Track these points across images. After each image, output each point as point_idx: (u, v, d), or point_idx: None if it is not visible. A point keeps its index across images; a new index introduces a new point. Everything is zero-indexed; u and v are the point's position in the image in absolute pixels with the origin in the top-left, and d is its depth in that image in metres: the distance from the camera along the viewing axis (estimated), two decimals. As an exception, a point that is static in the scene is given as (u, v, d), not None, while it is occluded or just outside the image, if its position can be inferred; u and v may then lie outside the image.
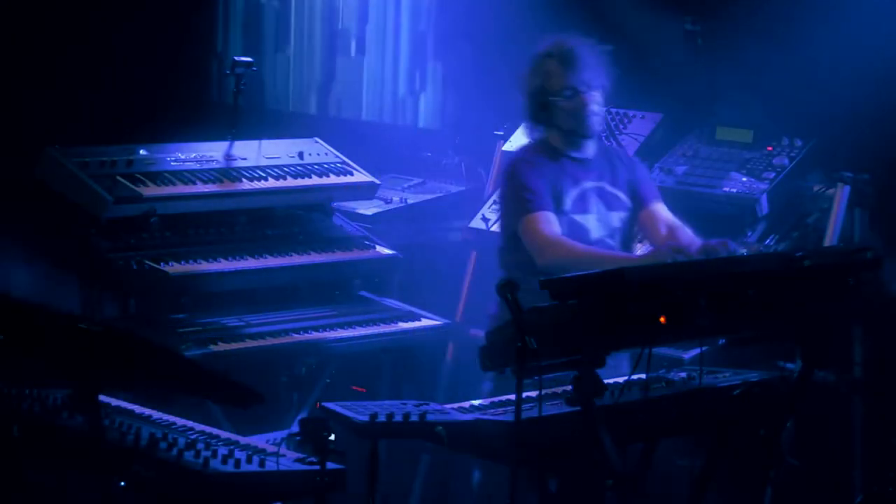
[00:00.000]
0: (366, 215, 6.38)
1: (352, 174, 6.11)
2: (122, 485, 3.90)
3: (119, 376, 3.92)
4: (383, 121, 7.55)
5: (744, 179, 5.77)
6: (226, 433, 4.29)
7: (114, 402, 4.48)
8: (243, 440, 4.20)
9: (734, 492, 5.04)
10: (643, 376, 4.37)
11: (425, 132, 7.33)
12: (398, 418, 4.12)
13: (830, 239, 5.47)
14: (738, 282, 4.27)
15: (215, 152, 5.92)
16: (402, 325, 5.67)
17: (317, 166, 6.06)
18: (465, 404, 4.45)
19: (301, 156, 6.08)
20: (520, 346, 3.95)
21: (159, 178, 5.63)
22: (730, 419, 4.58)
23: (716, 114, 6.14)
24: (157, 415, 4.40)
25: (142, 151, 5.74)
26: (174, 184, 5.63)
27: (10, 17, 7.32)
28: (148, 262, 5.33)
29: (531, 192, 5.08)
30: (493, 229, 6.05)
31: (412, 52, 7.43)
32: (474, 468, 5.42)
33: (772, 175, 5.74)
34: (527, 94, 5.24)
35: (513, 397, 3.96)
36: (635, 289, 4.07)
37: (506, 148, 6.36)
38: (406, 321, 5.70)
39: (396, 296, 5.93)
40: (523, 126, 5.40)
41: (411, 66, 7.43)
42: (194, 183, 5.68)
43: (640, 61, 5.60)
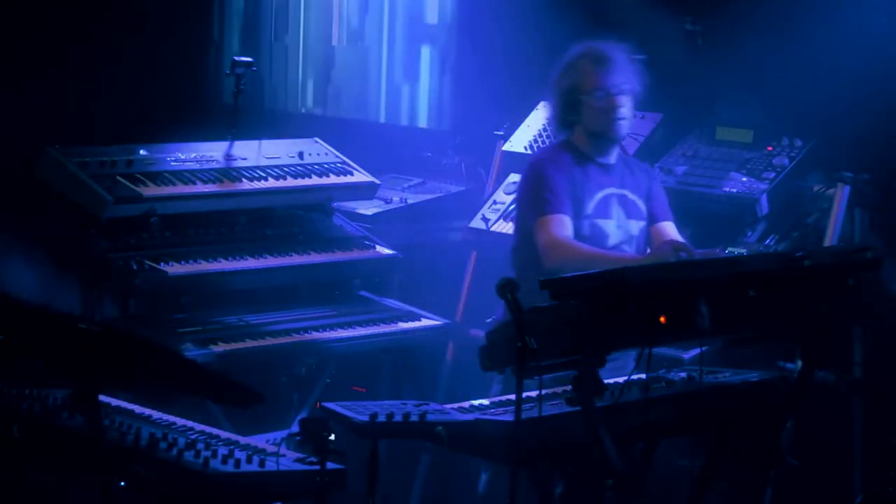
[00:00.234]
0: (366, 215, 6.38)
1: (352, 174, 6.11)
2: (122, 485, 3.90)
3: (119, 376, 3.92)
4: (383, 121, 7.55)
5: (744, 179, 5.76)
6: (226, 433, 4.29)
7: (114, 402, 4.48)
8: (243, 440, 4.20)
9: (734, 492, 5.04)
10: (643, 376, 4.37)
11: (425, 132, 7.33)
12: (398, 418, 4.12)
13: (830, 239, 5.46)
14: (738, 282, 4.27)
15: (215, 152, 5.92)
16: (402, 325, 5.67)
17: (317, 166, 6.06)
18: (465, 404, 4.44)
19: (301, 156, 6.08)
20: (520, 346, 3.95)
21: (159, 178, 5.63)
22: (730, 419, 4.58)
23: (716, 114, 6.14)
24: (157, 415, 4.40)
25: (142, 151, 5.74)
26: (174, 184, 5.63)
27: (10, 18, 7.32)
28: (148, 262, 5.33)
29: (551, 194, 5.06)
30: (493, 229, 6.05)
31: (413, 53, 7.43)
32: (482, 471, 5.41)
33: (772, 175, 5.74)
34: (557, 92, 5.22)
35: (513, 397, 3.96)
36: (635, 289, 4.07)
37: (506, 147, 6.36)
38: (406, 321, 5.70)
39: (396, 296, 5.93)
40: (549, 124, 5.36)
41: (412, 66, 7.43)
42: (194, 183, 5.69)
43: (641, 61, 5.58)
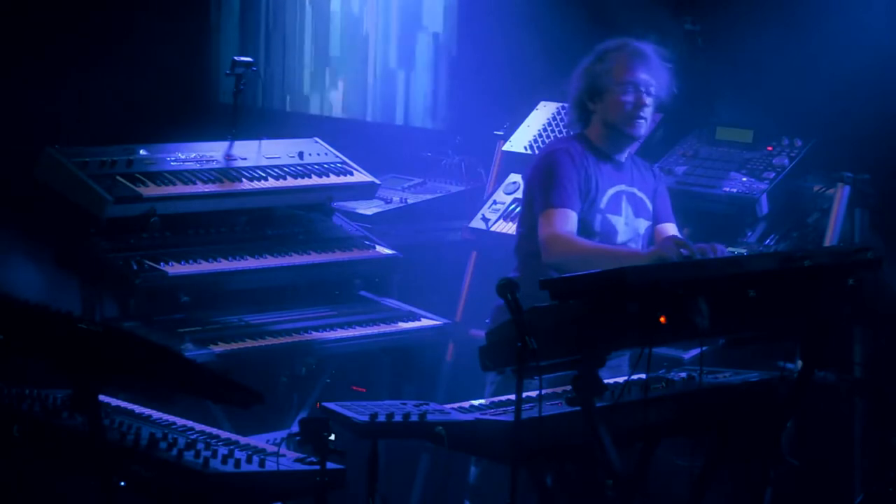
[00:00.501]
0: (366, 215, 6.38)
1: (352, 174, 6.11)
2: (122, 485, 3.90)
3: (119, 376, 3.92)
4: (384, 121, 7.55)
5: (744, 179, 5.76)
6: (226, 433, 4.29)
7: (114, 402, 4.48)
8: (243, 440, 4.20)
9: (734, 492, 5.04)
10: (643, 376, 4.37)
11: (425, 132, 7.33)
12: (398, 418, 4.12)
13: (830, 239, 5.46)
14: (738, 282, 4.27)
15: (215, 152, 5.92)
16: (402, 325, 5.67)
17: (317, 166, 6.06)
18: (465, 404, 4.45)
19: (301, 156, 6.08)
20: (520, 346, 3.95)
21: (159, 178, 5.63)
22: (730, 419, 4.58)
23: (716, 114, 6.14)
24: (157, 415, 4.40)
25: (142, 151, 5.74)
26: (174, 184, 5.63)
27: (10, 18, 7.32)
28: (148, 262, 5.33)
29: (560, 187, 5.04)
30: (493, 229, 6.04)
31: (413, 52, 7.43)
32: (472, 464, 5.40)
33: (772, 175, 5.74)
34: (586, 76, 5.19)
35: (513, 397, 3.96)
36: (635, 289, 4.07)
37: (506, 147, 6.36)
38: (406, 321, 5.70)
39: (396, 296, 5.92)
40: (567, 109, 5.34)
41: (412, 65, 7.43)
42: (194, 183, 5.68)
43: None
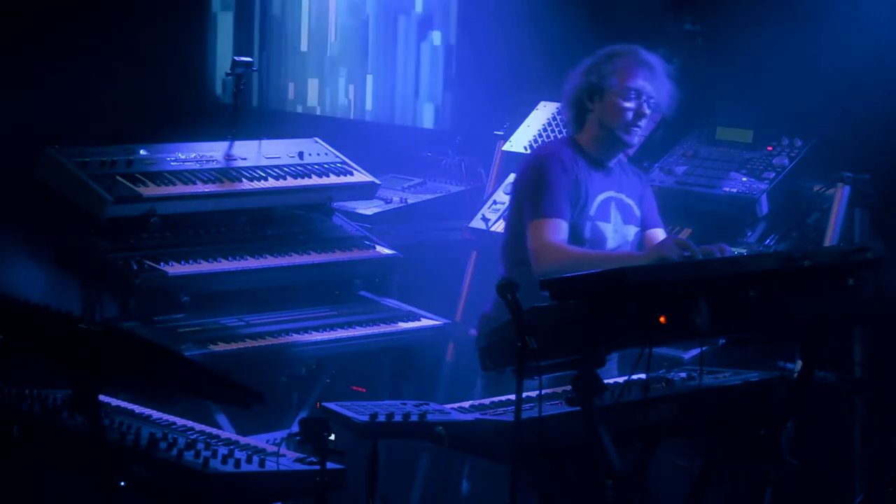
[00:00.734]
0: (366, 215, 6.38)
1: (352, 174, 6.11)
2: (122, 485, 3.90)
3: (119, 376, 3.92)
4: (384, 121, 7.55)
5: (744, 179, 5.76)
6: (226, 433, 4.29)
7: (114, 402, 4.48)
8: (243, 440, 4.20)
9: (734, 492, 5.04)
10: (643, 376, 4.37)
11: (425, 132, 7.33)
12: (398, 418, 4.12)
13: (830, 239, 5.46)
14: (738, 282, 4.27)
15: (215, 152, 5.92)
16: (402, 325, 5.67)
17: (317, 166, 6.06)
18: (465, 404, 4.45)
19: (301, 156, 6.08)
20: (520, 346, 3.95)
21: (159, 178, 5.63)
22: (730, 419, 4.58)
23: (716, 114, 6.14)
24: (157, 415, 4.40)
25: (142, 151, 5.74)
26: (174, 184, 5.63)
27: (10, 18, 7.32)
28: (148, 262, 5.33)
29: (550, 196, 4.99)
30: (493, 229, 6.04)
31: (413, 52, 7.43)
32: (464, 478, 5.40)
33: (772, 175, 5.74)
34: (588, 77, 5.13)
35: (513, 397, 3.96)
36: (635, 289, 4.07)
37: (506, 147, 6.36)
38: (406, 321, 5.70)
39: (396, 296, 5.92)
40: (562, 108, 5.28)
41: (412, 65, 7.43)
42: (194, 183, 5.68)
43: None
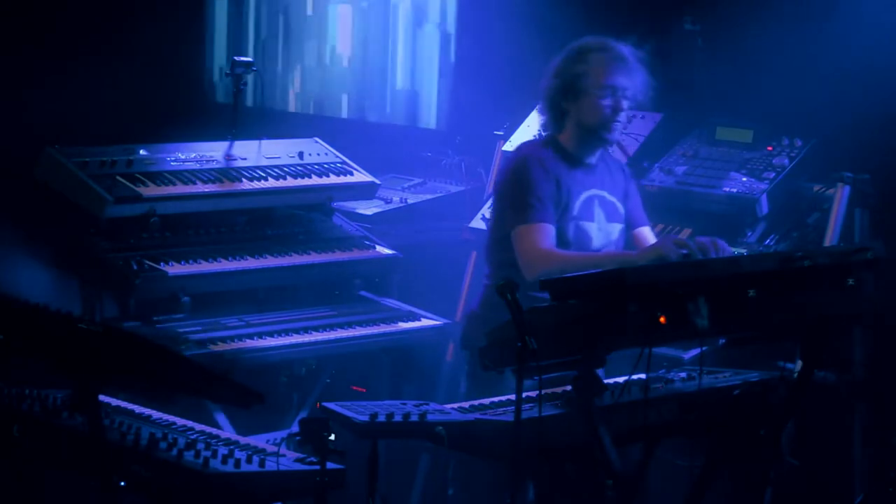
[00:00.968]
0: (366, 215, 6.38)
1: (352, 174, 6.11)
2: (122, 485, 3.90)
3: (119, 376, 3.92)
4: (383, 121, 7.55)
5: (744, 179, 5.76)
6: (226, 433, 4.29)
7: (114, 402, 4.49)
8: (243, 440, 4.20)
9: (734, 492, 5.04)
10: (643, 376, 4.37)
11: (425, 132, 7.33)
12: (398, 418, 4.12)
13: (830, 239, 5.46)
14: (737, 282, 4.27)
15: (215, 152, 5.92)
16: (402, 325, 5.67)
17: (317, 166, 6.06)
18: (465, 404, 4.45)
19: (301, 156, 6.08)
20: (520, 346, 3.95)
21: (159, 178, 5.63)
22: (730, 419, 4.58)
23: (716, 114, 6.14)
24: (157, 415, 4.40)
25: (142, 151, 5.74)
26: (174, 184, 5.63)
27: (10, 18, 7.33)
28: (148, 262, 5.33)
29: (536, 200, 4.96)
30: (492, 229, 6.04)
31: (413, 52, 7.43)
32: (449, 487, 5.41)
33: (772, 175, 5.74)
34: (562, 77, 5.08)
35: (513, 397, 3.96)
36: (635, 289, 4.07)
37: (506, 147, 6.36)
38: (406, 321, 5.70)
39: (396, 296, 5.92)
40: (539, 108, 5.25)
41: (412, 65, 7.43)
42: (194, 183, 5.68)
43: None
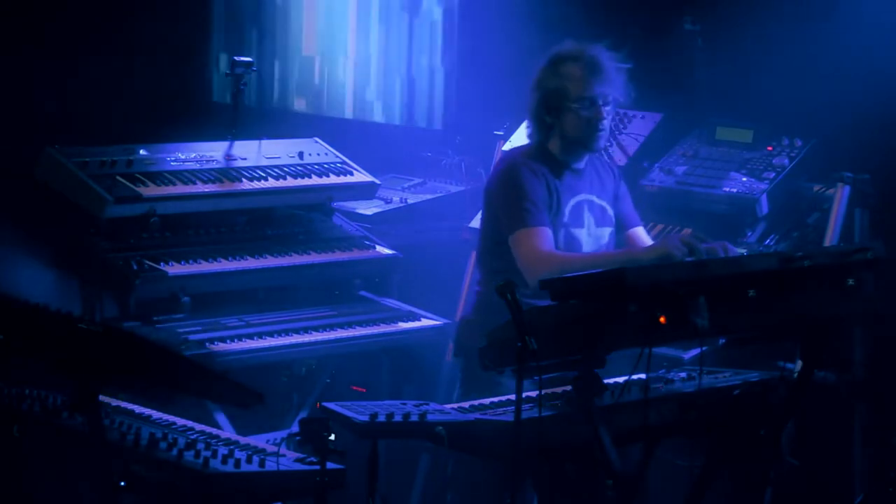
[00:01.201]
0: (366, 215, 6.37)
1: (352, 174, 6.11)
2: (122, 485, 3.90)
3: (119, 376, 3.92)
4: (384, 121, 7.55)
5: (744, 179, 5.76)
6: (226, 433, 4.29)
7: (114, 402, 4.48)
8: (243, 440, 4.20)
9: (734, 492, 5.04)
10: (643, 376, 4.37)
11: (425, 132, 7.33)
12: (398, 418, 4.12)
13: (830, 239, 5.46)
14: (738, 282, 4.27)
15: (215, 152, 5.92)
16: (402, 325, 5.67)
17: (317, 166, 6.06)
18: (465, 404, 4.45)
19: (301, 156, 6.08)
20: (520, 346, 3.95)
21: (159, 178, 5.63)
22: (730, 419, 4.58)
23: (716, 114, 6.14)
24: (157, 415, 4.40)
25: (142, 151, 5.74)
26: (174, 184, 5.63)
27: (10, 18, 7.32)
28: (148, 262, 5.33)
29: (532, 204, 4.95)
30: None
31: (412, 52, 7.42)
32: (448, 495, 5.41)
33: (772, 175, 5.74)
34: (541, 91, 5.09)
35: (513, 397, 3.96)
36: (635, 289, 4.07)
37: (506, 148, 6.36)
38: (406, 321, 5.70)
39: (396, 296, 5.92)
40: (526, 123, 5.28)
41: (412, 65, 7.42)
42: (194, 183, 5.68)
43: (640, 61, 5.59)
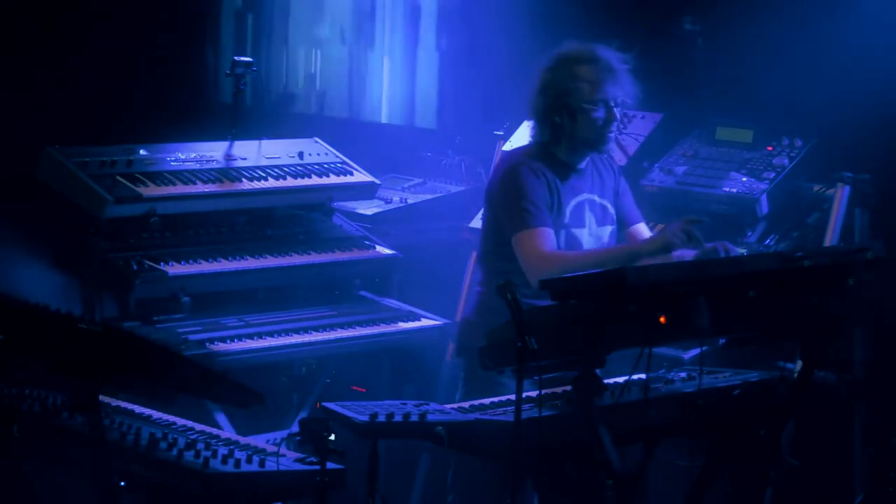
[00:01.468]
0: (366, 215, 6.38)
1: (352, 174, 6.11)
2: (122, 485, 3.90)
3: (119, 376, 3.92)
4: (383, 121, 7.55)
5: (744, 179, 5.76)
6: (226, 433, 4.29)
7: (114, 402, 4.48)
8: (243, 440, 4.20)
9: (734, 492, 5.04)
10: (643, 376, 4.37)
11: (425, 132, 7.33)
12: (398, 418, 4.12)
13: (830, 239, 5.46)
14: (738, 282, 4.27)
15: (215, 152, 5.92)
16: (402, 325, 5.67)
17: (317, 166, 6.06)
18: (465, 404, 4.45)
19: (301, 156, 6.08)
20: (520, 346, 3.95)
21: (159, 178, 5.63)
22: (730, 419, 4.58)
23: (716, 114, 6.14)
24: (157, 415, 4.40)
25: (142, 151, 5.74)
26: (174, 184, 5.63)
27: (10, 18, 7.32)
28: (148, 262, 5.34)
29: (533, 205, 4.94)
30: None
31: (412, 52, 7.43)
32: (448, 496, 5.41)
33: (772, 175, 5.74)
34: (552, 92, 5.04)
35: (513, 397, 3.96)
36: (635, 289, 4.07)
37: (506, 148, 6.36)
38: (406, 321, 5.70)
39: (396, 296, 5.92)
40: (530, 121, 5.25)
41: (412, 65, 7.43)
42: (194, 183, 5.68)
43: (640, 61, 5.59)
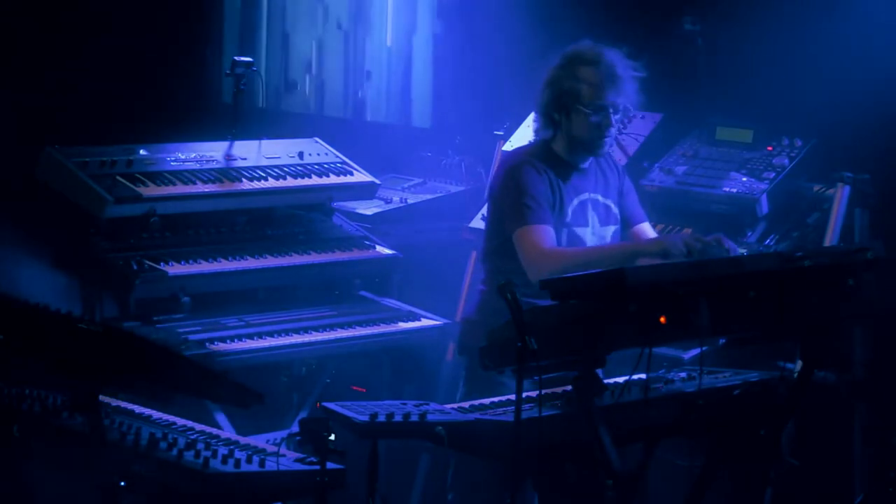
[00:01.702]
0: (366, 215, 6.38)
1: (352, 174, 6.11)
2: (122, 485, 3.90)
3: (119, 376, 3.92)
4: (383, 121, 7.55)
5: (744, 179, 5.76)
6: (226, 433, 4.29)
7: (114, 402, 4.48)
8: (243, 440, 4.20)
9: (734, 492, 5.04)
10: (643, 376, 4.37)
11: (425, 132, 7.33)
12: (398, 418, 4.12)
13: (830, 239, 5.46)
14: (738, 282, 4.27)
15: (215, 152, 5.92)
16: (402, 325, 5.67)
17: (317, 166, 6.06)
18: (465, 404, 4.45)
19: (301, 156, 6.08)
20: (520, 346, 3.95)
21: (159, 178, 5.63)
22: (730, 419, 4.58)
23: (716, 114, 6.14)
24: (157, 415, 4.40)
25: (142, 151, 5.74)
26: (174, 184, 5.63)
27: (10, 17, 7.33)
28: (148, 262, 5.34)
29: (534, 201, 4.95)
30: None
31: (412, 52, 7.43)
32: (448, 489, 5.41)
33: (772, 175, 5.74)
34: (553, 89, 5.06)
35: (513, 397, 3.96)
36: (635, 289, 4.07)
37: (506, 148, 6.36)
38: (406, 321, 5.70)
39: (396, 296, 5.92)
40: (533, 116, 5.26)
41: (412, 65, 7.43)
42: (194, 183, 5.68)
43: (640, 61, 5.59)
